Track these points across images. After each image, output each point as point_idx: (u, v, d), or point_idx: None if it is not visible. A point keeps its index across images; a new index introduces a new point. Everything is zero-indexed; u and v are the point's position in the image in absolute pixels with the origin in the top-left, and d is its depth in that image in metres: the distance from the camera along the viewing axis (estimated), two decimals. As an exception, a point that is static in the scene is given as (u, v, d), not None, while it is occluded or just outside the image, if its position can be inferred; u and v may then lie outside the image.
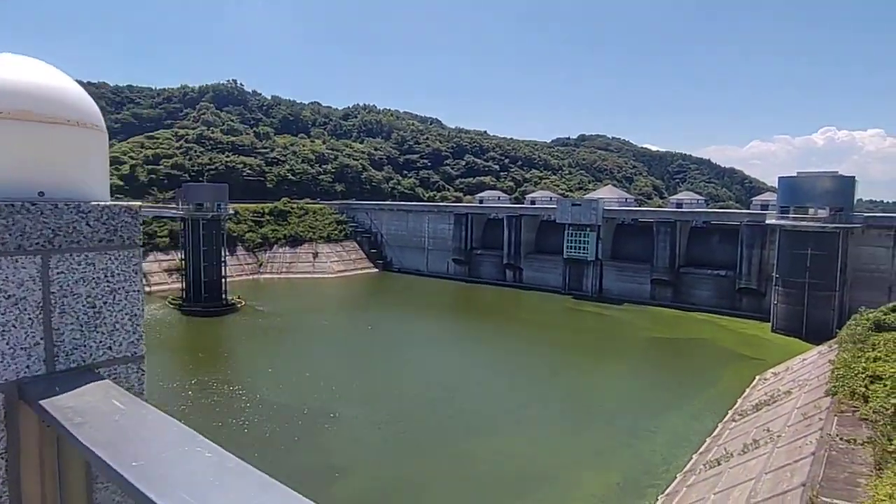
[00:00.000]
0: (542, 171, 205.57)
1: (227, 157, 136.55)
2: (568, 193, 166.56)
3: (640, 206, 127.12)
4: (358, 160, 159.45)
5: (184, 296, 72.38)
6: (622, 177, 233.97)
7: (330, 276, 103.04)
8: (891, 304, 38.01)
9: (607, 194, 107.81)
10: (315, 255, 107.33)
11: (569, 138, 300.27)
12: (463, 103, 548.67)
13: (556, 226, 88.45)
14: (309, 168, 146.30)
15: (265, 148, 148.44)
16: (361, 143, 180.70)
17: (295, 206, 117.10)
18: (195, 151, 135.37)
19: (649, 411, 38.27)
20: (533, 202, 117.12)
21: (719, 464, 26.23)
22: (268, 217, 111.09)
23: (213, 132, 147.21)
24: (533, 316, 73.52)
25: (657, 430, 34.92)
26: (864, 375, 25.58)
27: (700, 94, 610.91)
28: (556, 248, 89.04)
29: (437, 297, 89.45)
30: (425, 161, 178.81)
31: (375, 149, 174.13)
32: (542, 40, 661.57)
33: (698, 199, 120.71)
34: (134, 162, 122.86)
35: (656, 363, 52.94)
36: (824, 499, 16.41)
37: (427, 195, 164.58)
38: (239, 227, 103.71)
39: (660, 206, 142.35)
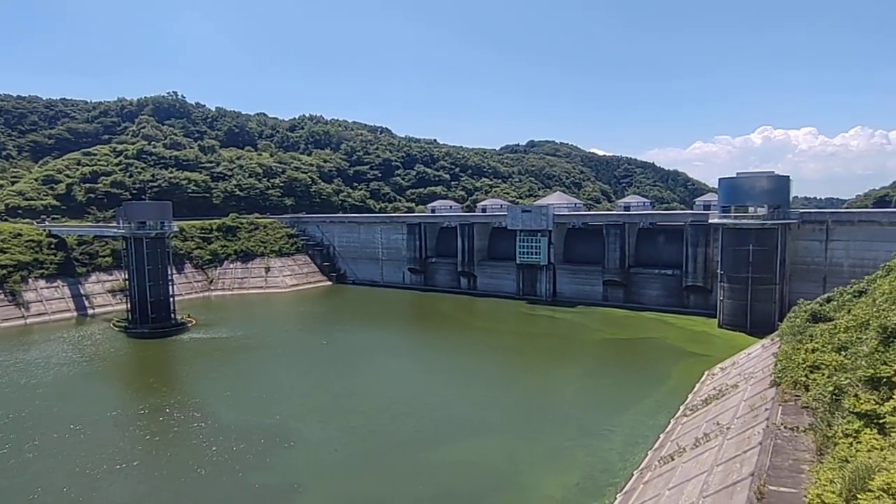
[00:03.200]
0: (492, 180, 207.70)
1: (171, 172, 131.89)
2: (518, 200, 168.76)
3: (589, 211, 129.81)
4: (307, 173, 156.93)
5: (129, 317, 69.18)
6: (571, 182, 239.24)
7: (283, 290, 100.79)
8: (825, 296, 39.77)
9: (557, 200, 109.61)
10: (267, 269, 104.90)
11: (518, 145, 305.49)
12: (412, 111, 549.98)
13: (508, 232, 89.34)
14: (257, 182, 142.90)
15: (211, 162, 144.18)
16: (310, 155, 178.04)
17: (244, 221, 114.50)
18: (136, 168, 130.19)
19: (605, 411, 38.72)
20: (484, 210, 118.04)
21: (673, 459, 26.57)
22: (216, 233, 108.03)
23: (154, 147, 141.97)
24: (489, 322, 73.68)
25: (613, 428, 35.32)
26: (804, 365, 26.48)
27: (643, 98, 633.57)
28: (509, 255, 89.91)
29: (394, 307, 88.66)
30: (376, 172, 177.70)
31: (324, 161, 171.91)
32: (490, 48, 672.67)
33: (645, 202, 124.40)
34: (70, 180, 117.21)
35: (610, 364, 53.74)
36: (771, 487, 16.69)
37: (378, 206, 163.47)
38: (186, 244, 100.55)
39: (608, 210, 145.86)
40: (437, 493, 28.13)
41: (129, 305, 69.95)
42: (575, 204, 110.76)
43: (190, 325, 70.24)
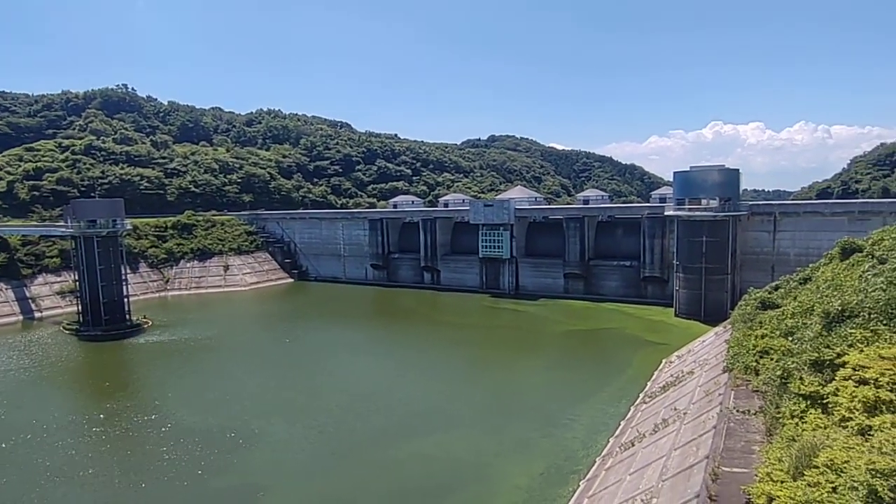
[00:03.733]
0: (454, 174, 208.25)
1: (122, 168, 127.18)
2: (480, 195, 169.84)
3: (549, 205, 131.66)
4: (265, 168, 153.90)
5: (81, 319, 66.49)
6: (531, 177, 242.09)
7: (243, 289, 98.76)
8: (773, 284, 41.57)
9: (518, 194, 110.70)
10: (226, 268, 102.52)
11: (479, 139, 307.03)
12: (373, 106, 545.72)
13: (471, 227, 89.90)
14: (213, 178, 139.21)
15: (164, 158, 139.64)
16: (268, 150, 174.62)
17: (201, 218, 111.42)
18: (84, 164, 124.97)
19: (568, 401, 39.54)
20: (446, 205, 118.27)
21: (633, 445, 27.42)
22: (171, 231, 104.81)
23: (104, 142, 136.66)
24: (453, 317, 74.06)
25: (576, 417, 36.14)
26: (754, 351, 27.68)
27: (600, 94, 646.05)
28: (472, 249, 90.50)
29: (357, 303, 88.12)
30: (336, 167, 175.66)
31: (283, 156, 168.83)
32: (449, 44, 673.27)
33: (603, 195, 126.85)
34: (12, 177, 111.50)
35: (572, 355, 54.86)
36: (725, 468, 17.49)
37: (340, 202, 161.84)
38: (140, 242, 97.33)
39: (568, 204, 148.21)
40: (405, 488, 28.25)
41: (80, 307, 67.22)
42: (536, 198, 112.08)
43: (146, 326, 68.13)
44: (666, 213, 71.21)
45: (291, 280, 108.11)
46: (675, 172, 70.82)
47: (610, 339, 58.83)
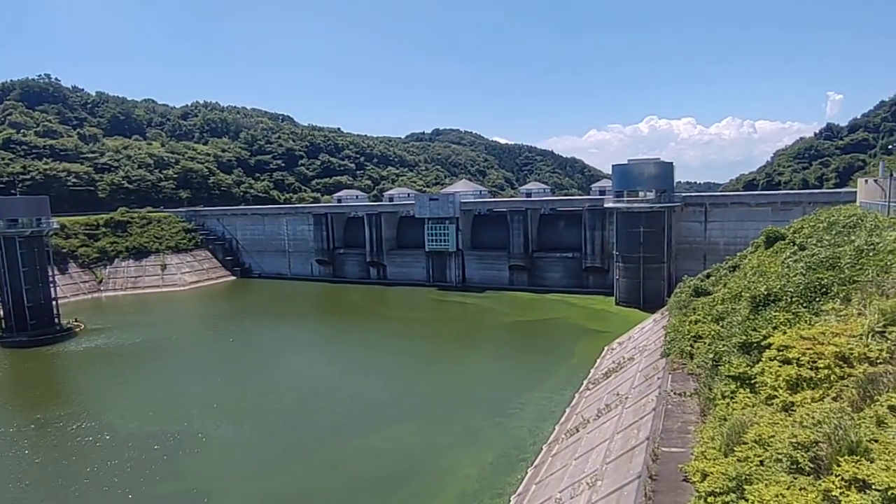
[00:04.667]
0: (398, 168, 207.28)
1: (46, 163, 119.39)
2: (425, 189, 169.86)
3: (494, 198, 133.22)
4: (203, 163, 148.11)
5: (4, 325, 62.25)
6: (476, 170, 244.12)
7: (183, 288, 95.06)
8: (705, 272, 43.81)
9: (463, 188, 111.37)
10: (164, 266, 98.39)
11: (423, 133, 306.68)
12: (315, 99, 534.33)
13: (416, 221, 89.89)
14: (147, 174, 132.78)
15: (94, 152, 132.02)
16: (206, 144, 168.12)
17: (135, 215, 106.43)
18: (2, 159, 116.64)
19: (515, 390, 40.36)
20: (391, 199, 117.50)
21: (578, 430, 28.35)
22: (104, 229, 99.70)
23: (24, 135, 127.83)
24: (401, 311, 73.99)
25: (523, 406, 36.96)
26: (688, 336, 29.11)
27: (541, 88, 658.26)
28: (418, 243, 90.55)
29: (303, 300, 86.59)
30: (279, 162, 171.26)
31: (222, 150, 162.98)
32: (391, 36, 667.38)
33: (545, 188, 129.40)
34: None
35: (518, 345, 55.97)
36: (664, 449, 18.38)
37: (283, 197, 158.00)
38: (69, 242, 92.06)
39: (512, 197, 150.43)
40: (358, 483, 28.15)
41: (2, 312, 62.96)
42: (480, 191, 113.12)
43: (78, 330, 64.53)
44: (605, 206, 73.56)
45: (234, 278, 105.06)
46: (613, 165, 73.25)
47: (554, 329, 60.34)
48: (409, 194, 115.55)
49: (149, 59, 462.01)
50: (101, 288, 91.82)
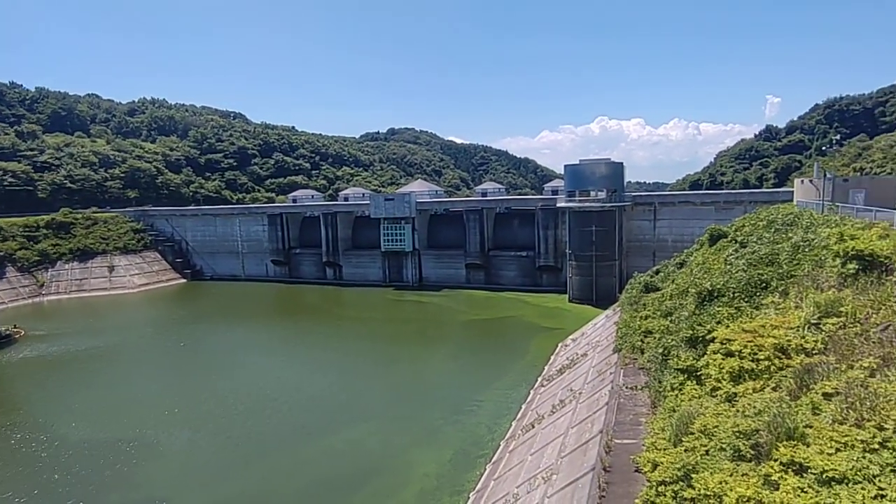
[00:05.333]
0: (353, 168, 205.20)
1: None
2: (381, 189, 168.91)
3: (449, 197, 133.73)
4: (151, 162, 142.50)
5: (-69, 334, 58.32)
6: (432, 170, 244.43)
7: (132, 290, 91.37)
8: (655, 268, 45.29)
9: (419, 188, 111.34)
10: (111, 268, 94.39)
11: (378, 132, 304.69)
12: (268, 97, 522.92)
13: (372, 221, 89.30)
14: (92, 173, 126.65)
15: (32, 150, 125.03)
16: (154, 142, 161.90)
17: (79, 216, 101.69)
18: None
19: (473, 388, 40.67)
20: (347, 199, 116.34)
21: (534, 426, 28.84)
22: (45, 231, 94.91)
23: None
24: (358, 311, 73.34)
25: (481, 403, 37.30)
26: (639, 332, 30.07)
27: (496, 88, 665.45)
28: (374, 243, 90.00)
29: (258, 301, 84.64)
30: (230, 161, 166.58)
31: (171, 149, 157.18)
32: (348, 29, 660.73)
33: (500, 188, 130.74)
34: None
35: (475, 343, 56.38)
36: (617, 441, 18.94)
37: (236, 197, 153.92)
38: (6, 244, 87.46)
39: (467, 196, 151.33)
40: (317, 485, 27.82)
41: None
42: (436, 191, 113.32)
43: (17, 337, 61.02)
44: (558, 205, 74.96)
45: (184, 280, 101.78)
46: (565, 165, 74.71)
47: (510, 327, 61.08)
48: (364, 194, 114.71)
49: (92, 54, 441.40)
50: (43, 292, 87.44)
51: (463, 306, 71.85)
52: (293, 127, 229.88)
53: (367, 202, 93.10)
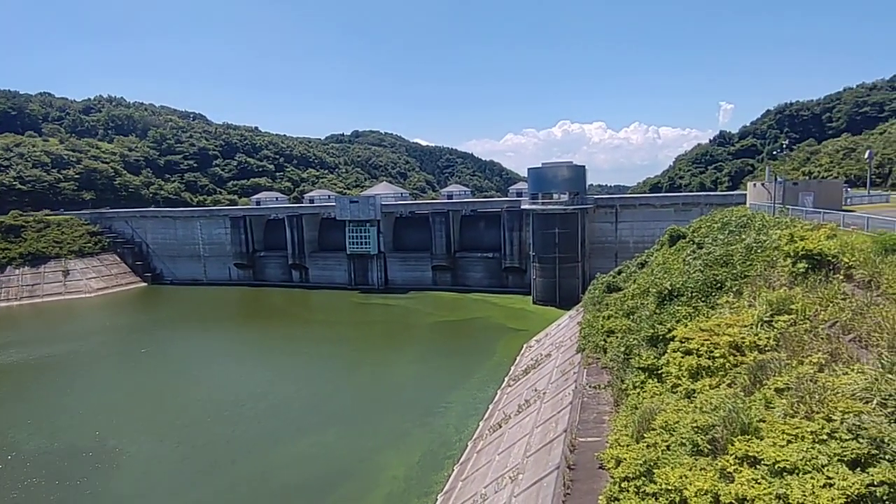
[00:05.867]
0: (318, 170, 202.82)
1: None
2: (346, 191, 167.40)
3: (415, 200, 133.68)
4: (109, 163, 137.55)
5: None
6: (397, 172, 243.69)
7: (89, 295, 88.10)
8: (617, 269, 46.26)
9: (384, 190, 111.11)
10: (66, 273, 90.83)
11: (343, 134, 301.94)
12: (230, 96, 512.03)
13: (338, 223, 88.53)
14: (44, 174, 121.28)
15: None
16: (111, 142, 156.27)
17: (30, 218, 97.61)
18: None
19: (440, 389, 40.76)
20: (312, 201, 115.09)
21: (500, 426, 29.09)
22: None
23: None
24: (324, 315, 72.53)
25: (449, 405, 37.42)
26: (602, 331, 30.68)
27: (461, 92, 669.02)
28: (340, 245, 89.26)
29: (221, 305, 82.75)
30: (191, 162, 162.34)
31: (129, 149, 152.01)
32: (312, 30, 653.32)
33: (465, 190, 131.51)
34: None
35: (442, 345, 56.47)
36: (581, 439, 19.30)
37: (196, 199, 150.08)
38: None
39: (433, 199, 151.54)
40: (284, 491, 27.41)
41: None
42: (402, 193, 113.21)
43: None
44: (522, 207, 75.79)
45: (145, 284, 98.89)
46: (529, 168, 75.67)
47: (476, 328, 61.41)
48: (329, 196, 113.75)
49: (43, 50, 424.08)
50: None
51: (430, 308, 71.87)
52: (256, 128, 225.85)
53: (333, 204, 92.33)
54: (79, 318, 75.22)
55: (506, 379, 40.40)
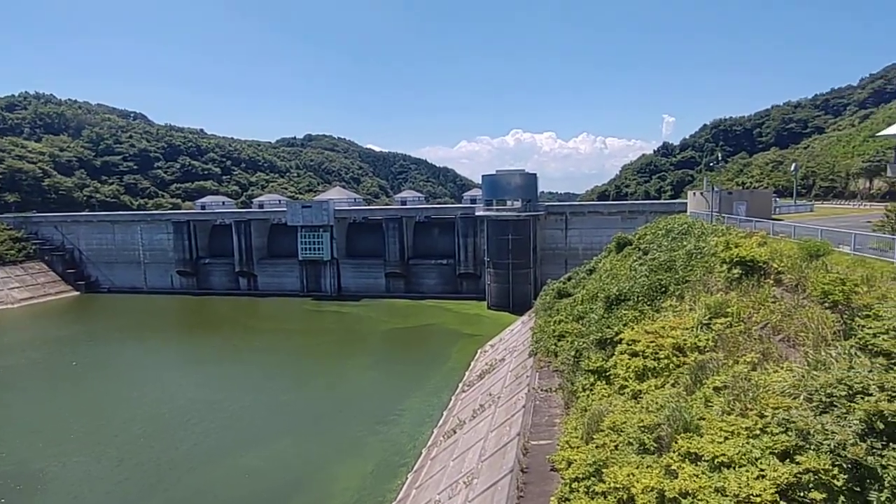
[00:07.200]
0: (268, 174, 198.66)
1: None
2: (297, 196, 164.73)
3: (369, 206, 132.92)
4: (36, 163, 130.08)
5: None
6: (350, 178, 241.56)
7: (11, 306, 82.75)
8: (567, 275, 47.44)
9: (337, 195, 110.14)
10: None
11: (295, 138, 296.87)
12: (174, 96, 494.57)
13: (289, 229, 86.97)
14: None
15: None
16: (39, 141, 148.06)
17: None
18: None
19: (394, 397, 40.60)
20: (261, 206, 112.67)
21: (455, 432, 29.33)
22: None
23: None
24: (274, 323, 70.97)
25: (402, 412, 37.34)
26: (553, 336, 31.45)
27: (415, 97, 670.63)
28: (291, 251, 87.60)
29: (163, 315, 79.56)
30: (130, 164, 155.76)
31: (61, 149, 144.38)
32: (263, 33, 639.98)
33: (419, 196, 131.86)
34: None
35: (396, 352, 56.34)
36: (533, 442, 19.78)
37: (137, 203, 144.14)
38: None
39: (387, 205, 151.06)
40: (231, 507, 26.66)
41: None
42: (355, 199, 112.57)
43: None
44: (476, 214, 76.69)
45: (77, 293, 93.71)
46: (483, 176, 76.72)
47: (431, 335, 61.57)
48: (280, 201, 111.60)
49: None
50: None
51: (384, 315, 71.54)
52: (202, 130, 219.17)
53: (284, 209, 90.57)
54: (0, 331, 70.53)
55: (460, 384, 40.71)
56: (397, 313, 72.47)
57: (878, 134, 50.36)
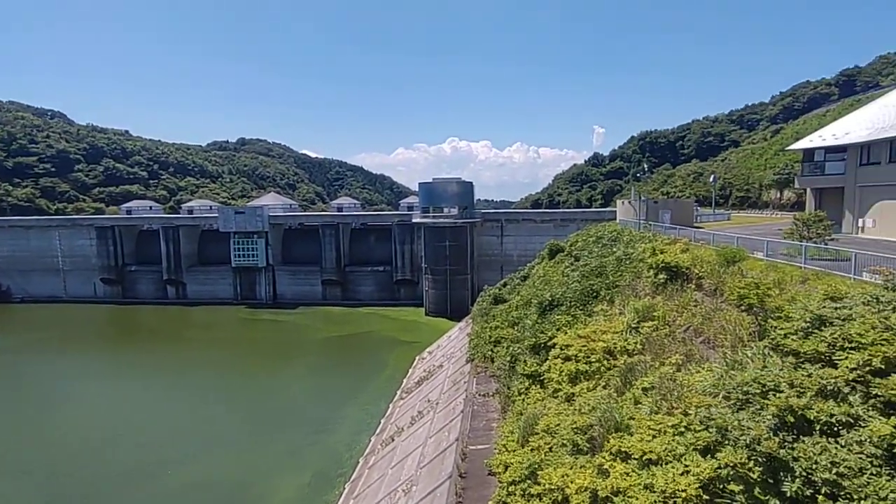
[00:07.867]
0: (199, 179, 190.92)
1: None
2: (231, 201, 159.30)
3: (305, 212, 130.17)
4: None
5: None
6: (286, 183, 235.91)
7: None
8: (502, 281, 48.31)
9: (272, 201, 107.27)
10: None
11: (228, 142, 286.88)
12: (96, 94, 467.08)
13: (221, 235, 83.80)
14: None
15: None
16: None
17: None
18: None
19: (331, 406, 39.83)
20: (191, 211, 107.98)
21: (393, 440, 29.14)
22: None
23: None
24: (205, 332, 67.99)
25: (340, 421, 36.67)
26: (489, 341, 31.92)
27: (349, 100, 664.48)
28: (224, 258, 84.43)
29: (85, 325, 74.42)
30: (47, 165, 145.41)
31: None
32: (194, 29, 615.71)
33: (356, 203, 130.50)
34: None
35: (333, 360, 55.32)
36: (471, 447, 19.95)
37: (55, 207, 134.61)
38: None
39: (323, 211, 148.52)
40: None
41: None
42: (291, 205, 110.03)
43: None
44: (414, 221, 76.76)
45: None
46: (420, 183, 77.03)
47: (368, 342, 60.90)
48: (211, 206, 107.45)
49: None
50: None
51: (320, 323, 70.14)
52: (127, 131, 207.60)
53: (215, 215, 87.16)
54: None
55: (398, 392, 40.48)
56: (334, 321, 71.25)
57: (787, 148, 54.37)
